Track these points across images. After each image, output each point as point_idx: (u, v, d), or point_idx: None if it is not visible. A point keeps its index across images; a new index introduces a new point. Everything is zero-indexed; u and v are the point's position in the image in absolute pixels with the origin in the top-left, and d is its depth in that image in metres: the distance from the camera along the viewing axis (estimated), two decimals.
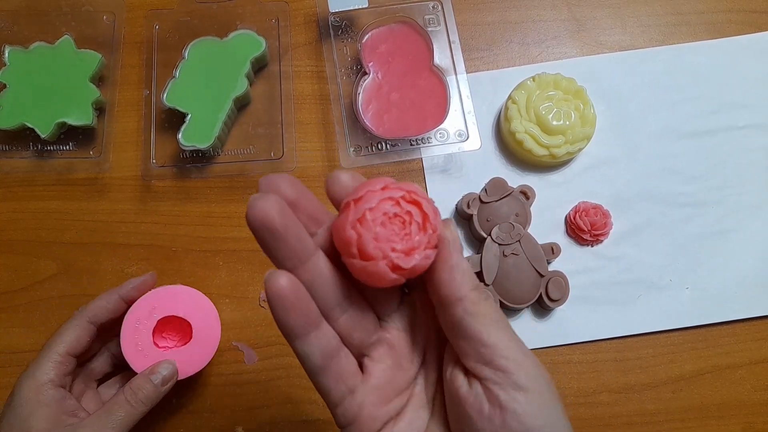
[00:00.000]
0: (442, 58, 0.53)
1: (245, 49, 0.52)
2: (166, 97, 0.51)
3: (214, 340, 0.45)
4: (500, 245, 0.48)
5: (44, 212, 0.52)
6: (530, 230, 0.49)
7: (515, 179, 0.52)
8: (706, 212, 0.52)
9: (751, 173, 0.53)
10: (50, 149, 0.52)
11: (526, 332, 0.49)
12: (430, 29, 0.53)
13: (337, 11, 0.53)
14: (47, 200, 0.52)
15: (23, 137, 0.51)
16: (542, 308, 0.50)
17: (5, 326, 0.49)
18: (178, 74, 0.52)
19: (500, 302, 0.47)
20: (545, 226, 0.51)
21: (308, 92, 0.55)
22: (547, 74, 0.52)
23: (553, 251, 0.49)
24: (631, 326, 0.50)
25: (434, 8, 0.54)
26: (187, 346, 0.45)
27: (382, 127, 0.51)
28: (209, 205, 0.52)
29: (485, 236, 0.48)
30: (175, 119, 0.51)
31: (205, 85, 0.51)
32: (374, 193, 0.24)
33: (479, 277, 0.48)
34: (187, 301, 0.46)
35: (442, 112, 0.51)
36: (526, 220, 0.49)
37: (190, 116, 0.50)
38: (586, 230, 0.50)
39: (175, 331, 0.47)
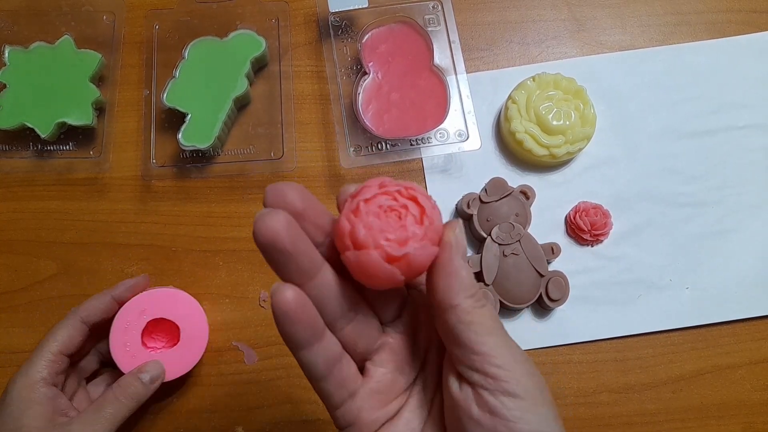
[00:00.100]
0: (442, 58, 0.53)
1: (245, 49, 0.52)
2: (166, 97, 0.51)
3: (201, 343, 0.46)
4: (500, 245, 0.48)
5: (44, 212, 0.52)
6: (530, 230, 0.49)
7: (515, 179, 0.52)
8: (706, 212, 0.52)
9: (751, 173, 0.53)
10: (50, 149, 0.52)
11: (526, 332, 0.49)
12: (430, 29, 0.53)
13: (337, 11, 0.53)
14: (47, 200, 0.52)
15: (23, 137, 0.51)
16: (542, 308, 0.49)
17: (5, 326, 0.49)
18: (178, 74, 0.52)
19: (500, 302, 0.47)
20: (545, 226, 0.51)
21: (308, 92, 0.55)
22: (547, 74, 0.52)
23: (553, 251, 0.49)
24: (631, 326, 0.50)
25: (434, 8, 0.54)
26: (174, 348, 0.45)
27: (382, 127, 0.51)
28: (209, 205, 0.52)
29: (485, 236, 0.48)
30: (175, 119, 0.51)
31: (205, 85, 0.51)
32: (371, 188, 0.24)
33: (479, 277, 0.48)
34: (177, 304, 0.46)
35: (442, 112, 0.51)
36: (526, 220, 0.49)
37: (190, 116, 0.50)
38: (586, 230, 0.50)
39: (164, 332, 0.47)
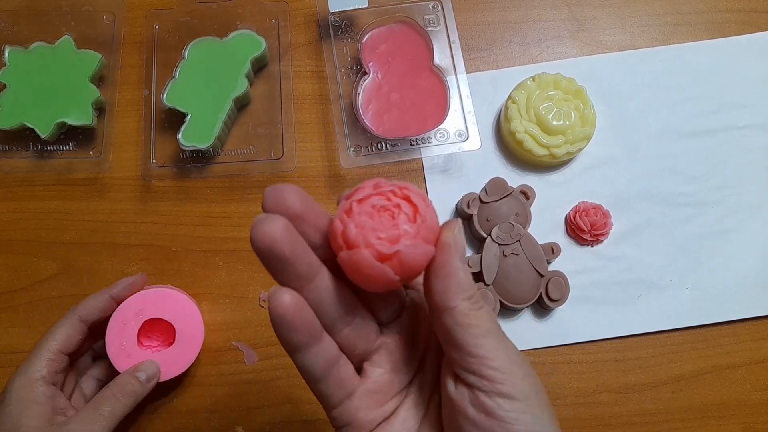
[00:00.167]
0: (442, 58, 0.53)
1: (245, 49, 0.52)
2: (166, 97, 0.51)
3: (197, 343, 0.46)
4: (500, 245, 0.48)
5: (44, 212, 0.52)
6: (530, 230, 0.49)
7: (515, 179, 0.52)
8: (706, 212, 0.52)
9: (751, 173, 0.53)
10: (50, 149, 0.52)
11: (526, 332, 0.49)
12: (430, 29, 0.53)
13: (337, 11, 0.53)
14: (47, 200, 0.52)
15: (23, 137, 0.51)
16: (542, 308, 0.49)
17: (5, 326, 0.49)
18: (178, 74, 0.52)
19: (500, 302, 0.47)
20: (545, 226, 0.51)
21: (308, 92, 0.55)
22: (547, 74, 0.52)
23: (553, 251, 0.49)
24: (631, 326, 0.50)
25: (434, 8, 0.54)
26: (169, 349, 0.45)
27: (382, 127, 0.50)
28: (209, 205, 0.52)
29: (485, 236, 0.48)
30: (175, 119, 0.51)
31: (205, 85, 0.51)
32: (365, 188, 0.24)
33: (479, 277, 0.48)
34: (173, 304, 0.46)
35: (442, 112, 0.51)
36: (526, 220, 0.49)
37: (190, 116, 0.50)
38: (586, 230, 0.50)
39: (161, 332, 0.47)
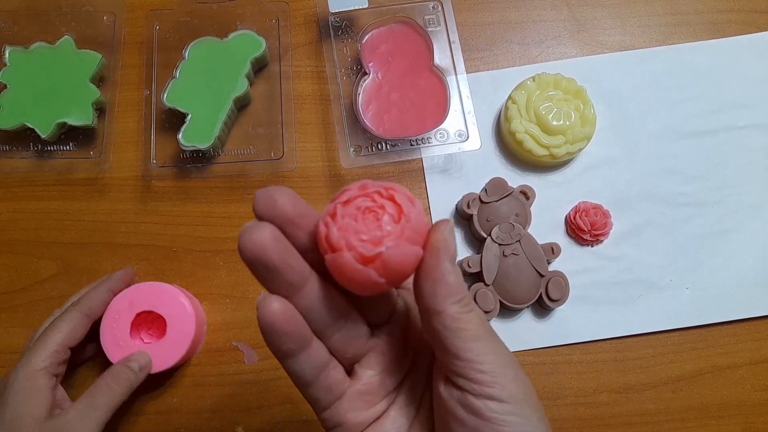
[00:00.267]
0: (442, 58, 0.53)
1: (245, 49, 0.52)
2: (166, 97, 0.51)
3: (187, 337, 0.46)
4: (500, 245, 0.48)
5: (44, 212, 0.52)
6: (530, 230, 0.49)
7: (515, 179, 0.52)
8: (706, 212, 0.52)
9: (751, 173, 0.53)
10: (50, 149, 0.52)
11: (526, 332, 0.49)
12: (430, 29, 0.53)
13: (337, 11, 0.53)
14: (47, 200, 0.52)
15: (23, 137, 0.51)
16: (542, 308, 0.49)
17: (5, 326, 0.49)
18: (178, 74, 0.52)
19: (500, 302, 0.47)
20: (545, 226, 0.51)
21: (308, 92, 0.55)
22: (547, 74, 0.52)
23: (553, 251, 0.49)
24: (631, 326, 0.50)
25: (434, 8, 0.54)
26: (160, 342, 0.46)
27: (382, 127, 0.50)
28: (209, 205, 0.52)
29: (485, 236, 0.48)
30: (175, 119, 0.51)
31: (205, 85, 0.51)
32: (350, 190, 0.23)
33: (479, 277, 0.48)
34: (166, 298, 0.46)
35: (442, 112, 0.51)
36: (526, 220, 0.49)
37: (190, 116, 0.50)
38: (586, 230, 0.50)
39: (156, 326, 0.48)
